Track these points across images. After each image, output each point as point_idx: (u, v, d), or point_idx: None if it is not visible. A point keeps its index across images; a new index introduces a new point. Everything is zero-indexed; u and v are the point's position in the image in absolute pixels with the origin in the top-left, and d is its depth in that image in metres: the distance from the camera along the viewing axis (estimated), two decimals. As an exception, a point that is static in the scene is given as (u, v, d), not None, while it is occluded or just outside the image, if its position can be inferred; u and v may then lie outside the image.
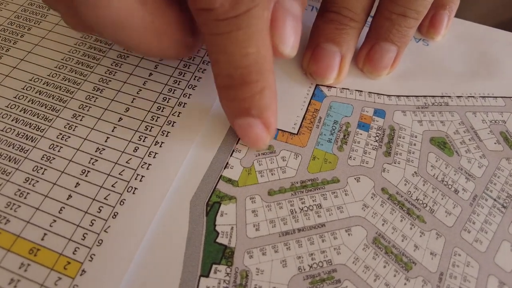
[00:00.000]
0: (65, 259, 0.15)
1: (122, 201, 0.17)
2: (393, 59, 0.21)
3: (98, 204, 0.17)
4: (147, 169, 0.18)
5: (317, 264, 0.16)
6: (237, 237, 0.17)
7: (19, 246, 0.16)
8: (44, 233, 0.16)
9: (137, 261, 0.16)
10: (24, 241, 0.16)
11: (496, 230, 0.18)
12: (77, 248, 0.16)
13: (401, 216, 0.18)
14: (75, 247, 0.16)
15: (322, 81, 0.21)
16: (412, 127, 0.21)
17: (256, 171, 0.19)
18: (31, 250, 0.16)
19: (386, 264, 0.16)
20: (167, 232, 0.16)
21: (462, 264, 0.17)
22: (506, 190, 0.19)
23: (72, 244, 0.16)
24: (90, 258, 0.16)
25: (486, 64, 0.24)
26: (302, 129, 0.20)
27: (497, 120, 0.21)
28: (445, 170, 0.19)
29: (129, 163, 0.18)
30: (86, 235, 0.16)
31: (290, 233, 0.17)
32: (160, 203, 0.17)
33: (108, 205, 0.17)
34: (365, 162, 0.19)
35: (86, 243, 0.16)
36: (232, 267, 0.16)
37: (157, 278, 0.15)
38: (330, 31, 0.21)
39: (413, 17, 0.20)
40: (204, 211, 0.17)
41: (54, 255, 0.16)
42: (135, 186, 0.17)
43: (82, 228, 0.16)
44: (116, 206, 0.17)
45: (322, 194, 0.18)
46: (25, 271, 0.15)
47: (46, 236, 0.16)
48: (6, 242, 0.16)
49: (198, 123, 0.20)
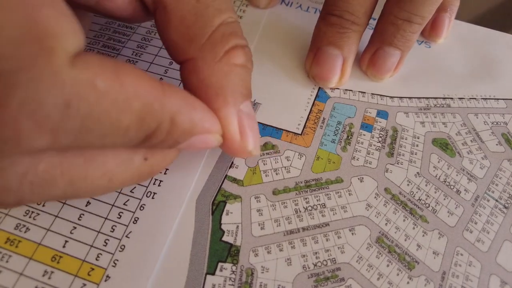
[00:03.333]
0: (88, 266, 0.16)
1: (142, 206, 0.17)
2: (396, 63, 0.22)
3: (118, 210, 0.17)
4: (164, 173, 0.18)
5: (321, 262, 0.16)
6: (242, 236, 0.17)
7: (41, 253, 0.16)
8: (65, 240, 0.16)
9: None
10: (45, 249, 0.16)
11: (498, 230, 0.18)
12: (99, 254, 0.16)
13: (404, 216, 0.18)
14: (98, 253, 0.16)
15: (324, 84, 0.22)
16: (415, 128, 0.21)
17: (260, 170, 0.19)
18: (54, 258, 0.16)
19: (389, 263, 0.17)
20: (174, 231, 0.17)
21: (464, 264, 0.17)
22: (508, 191, 0.19)
23: (94, 251, 0.16)
24: (113, 263, 0.16)
25: (487, 66, 0.24)
26: (306, 130, 0.20)
27: (499, 122, 0.21)
28: (447, 171, 0.19)
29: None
30: (107, 241, 0.16)
31: (294, 232, 0.17)
32: (181, 207, 0.17)
33: (128, 211, 0.17)
34: (369, 163, 0.19)
35: (108, 249, 0.16)
36: (237, 265, 0.16)
37: (164, 276, 0.16)
38: (332, 34, 0.21)
39: (417, 22, 0.20)
40: (209, 210, 0.17)
41: (77, 261, 0.16)
42: (154, 191, 0.18)
43: (103, 234, 0.16)
44: (136, 211, 0.17)
45: (326, 193, 0.18)
46: (49, 278, 0.15)
47: (68, 243, 0.16)
48: (27, 250, 0.16)
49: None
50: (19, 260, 0.16)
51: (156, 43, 0.23)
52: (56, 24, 0.10)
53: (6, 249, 0.16)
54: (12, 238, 0.16)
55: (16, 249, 0.16)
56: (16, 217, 0.16)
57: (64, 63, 0.10)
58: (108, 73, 0.11)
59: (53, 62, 0.09)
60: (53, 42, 0.09)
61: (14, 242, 0.16)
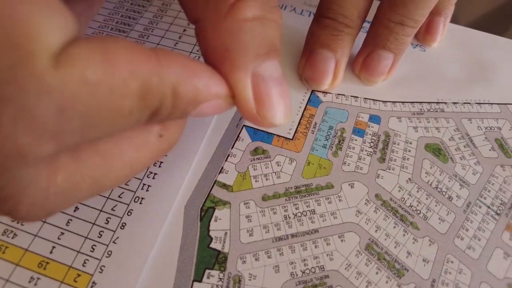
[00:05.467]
0: (75, 272, 0.16)
1: (129, 211, 0.17)
2: (390, 66, 0.22)
3: (105, 215, 0.17)
4: (153, 178, 0.18)
5: (310, 270, 0.16)
6: (230, 243, 0.17)
7: (28, 260, 0.16)
8: (53, 246, 0.16)
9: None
10: (32, 255, 0.16)
11: (489, 237, 0.18)
12: (86, 260, 0.16)
13: (394, 223, 0.18)
14: (85, 259, 0.16)
15: (317, 86, 0.21)
16: (407, 133, 0.21)
17: (250, 176, 0.19)
18: (40, 264, 0.16)
19: (379, 270, 0.17)
20: (162, 237, 0.17)
21: (454, 271, 0.17)
22: (500, 197, 0.19)
23: (81, 256, 0.16)
24: (100, 269, 0.16)
25: (482, 70, 0.24)
26: (297, 134, 0.20)
27: (493, 127, 0.21)
28: (439, 177, 0.19)
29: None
30: (95, 246, 0.16)
31: (283, 239, 0.17)
32: (168, 212, 0.17)
33: (116, 216, 0.17)
34: (360, 168, 0.19)
35: (95, 255, 0.16)
36: (225, 272, 0.16)
37: (150, 283, 0.16)
38: (325, 37, 0.21)
39: (411, 25, 0.20)
40: (198, 216, 0.17)
41: (63, 267, 0.16)
42: (142, 196, 0.17)
43: (91, 240, 0.16)
44: (124, 217, 0.17)
45: (316, 199, 0.18)
46: (35, 285, 0.15)
47: (55, 249, 0.16)
48: (14, 256, 0.16)
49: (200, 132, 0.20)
50: (5, 266, 0.15)
51: (163, 26, 0.24)
52: (35, 21, 0.09)
53: (-8, 256, 0.16)
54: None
55: (3, 255, 0.16)
56: (4, 223, 0.16)
57: (47, 67, 0.09)
58: (98, 60, 0.10)
59: (36, 68, 0.09)
60: (32, 44, 0.09)
61: (1, 248, 0.16)
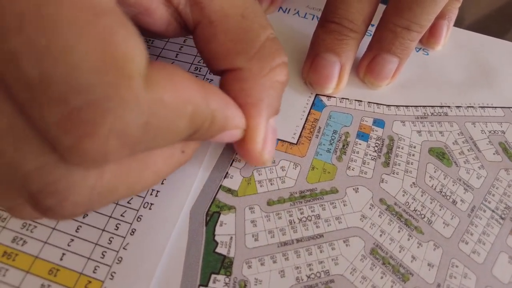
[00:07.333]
0: (86, 278, 0.16)
1: (139, 217, 0.17)
2: (394, 71, 0.22)
3: (115, 221, 0.17)
4: (161, 183, 0.18)
5: (315, 274, 0.16)
6: (236, 247, 0.17)
7: (38, 267, 0.16)
8: (63, 253, 0.16)
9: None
10: (42, 262, 0.16)
11: (494, 241, 0.18)
12: (97, 266, 0.16)
13: (399, 227, 0.18)
14: (95, 266, 0.16)
15: (321, 90, 0.22)
16: (411, 137, 0.21)
17: (255, 181, 0.19)
18: (51, 271, 0.16)
19: (383, 275, 0.17)
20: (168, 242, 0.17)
21: (459, 276, 0.17)
22: (505, 201, 0.19)
23: (91, 263, 0.16)
24: (111, 276, 0.16)
25: (485, 74, 0.24)
26: (301, 139, 0.20)
27: (496, 131, 0.21)
28: (443, 181, 0.19)
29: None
30: (105, 253, 0.16)
31: (288, 244, 0.17)
32: (178, 217, 0.17)
33: (126, 222, 0.17)
34: (364, 173, 0.19)
35: (105, 261, 0.16)
36: (230, 277, 0.16)
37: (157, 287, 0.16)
38: (330, 41, 0.21)
39: (416, 30, 0.20)
40: (203, 221, 0.17)
41: (74, 274, 0.16)
42: (151, 201, 0.18)
43: (101, 246, 0.16)
44: (133, 223, 0.17)
45: (320, 204, 0.18)
46: None
47: (65, 255, 0.16)
48: (24, 264, 0.16)
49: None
50: (16, 273, 0.16)
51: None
52: (129, 47, 0.10)
53: (3, 263, 0.16)
54: (9, 251, 0.16)
55: (13, 262, 0.16)
56: (14, 230, 0.17)
57: (141, 87, 0.10)
58: (169, 85, 0.11)
59: (133, 88, 0.10)
60: (130, 67, 0.10)
61: (11, 255, 0.16)
